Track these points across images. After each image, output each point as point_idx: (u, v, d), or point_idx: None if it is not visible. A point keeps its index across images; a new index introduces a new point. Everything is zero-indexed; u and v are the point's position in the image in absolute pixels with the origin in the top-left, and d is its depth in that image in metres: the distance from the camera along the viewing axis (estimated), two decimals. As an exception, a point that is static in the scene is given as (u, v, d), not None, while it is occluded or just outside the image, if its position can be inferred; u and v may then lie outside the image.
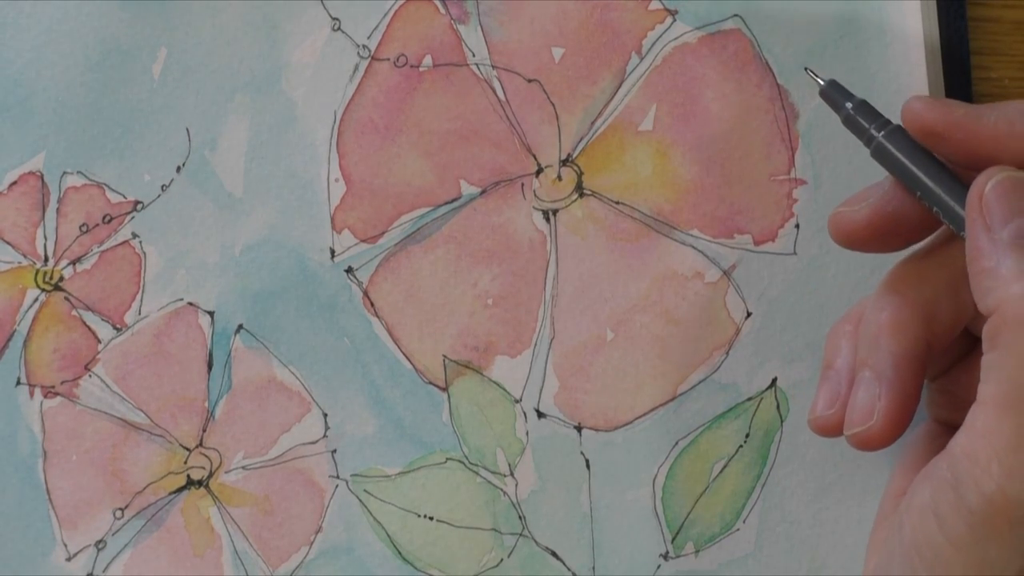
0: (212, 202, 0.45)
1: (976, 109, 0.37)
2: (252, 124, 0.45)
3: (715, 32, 0.45)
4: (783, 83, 0.45)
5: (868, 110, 0.39)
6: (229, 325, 0.45)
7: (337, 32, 0.45)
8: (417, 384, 0.45)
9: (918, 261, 0.39)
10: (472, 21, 0.45)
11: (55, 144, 0.44)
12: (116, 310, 0.44)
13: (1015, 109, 0.37)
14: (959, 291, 0.38)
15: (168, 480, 0.45)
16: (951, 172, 0.37)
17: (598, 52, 0.45)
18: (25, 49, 0.44)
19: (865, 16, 0.45)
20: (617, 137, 0.45)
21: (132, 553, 0.44)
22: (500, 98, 0.45)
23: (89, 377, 0.44)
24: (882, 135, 0.38)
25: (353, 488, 0.45)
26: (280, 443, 0.45)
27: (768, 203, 0.45)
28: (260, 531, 0.45)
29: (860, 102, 0.39)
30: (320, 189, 0.45)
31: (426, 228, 0.45)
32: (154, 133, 0.44)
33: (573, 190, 0.45)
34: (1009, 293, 0.33)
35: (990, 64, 0.48)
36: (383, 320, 0.45)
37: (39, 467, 0.44)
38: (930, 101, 0.37)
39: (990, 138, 0.36)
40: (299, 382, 0.45)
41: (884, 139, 0.38)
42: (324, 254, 0.45)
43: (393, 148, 0.45)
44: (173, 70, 0.44)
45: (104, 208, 0.44)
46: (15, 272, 0.44)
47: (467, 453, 0.45)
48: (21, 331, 0.44)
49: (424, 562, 0.45)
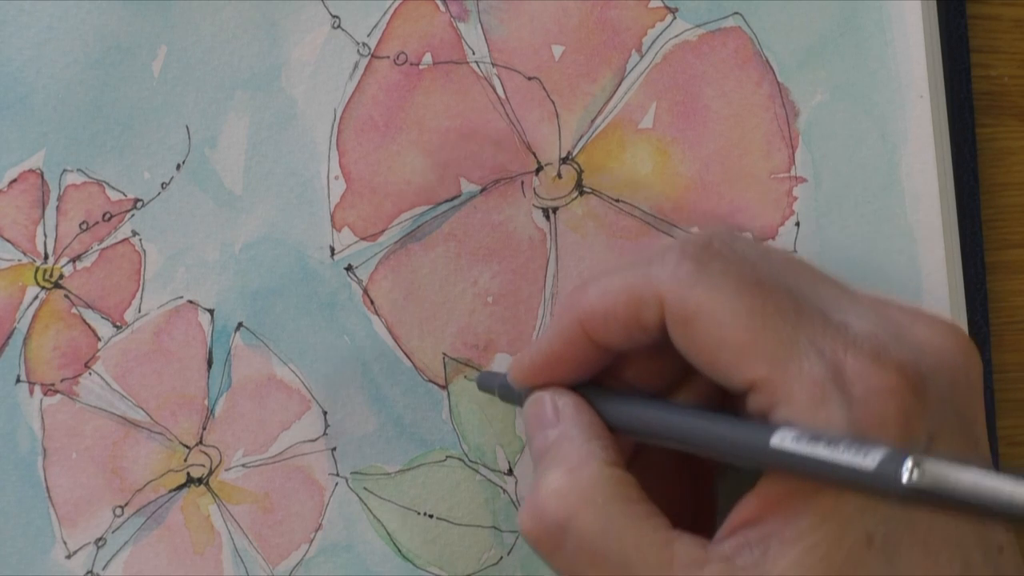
0: (212, 200, 0.45)
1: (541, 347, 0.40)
2: (252, 122, 0.45)
3: (715, 30, 0.45)
4: (783, 81, 0.45)
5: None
6: (229, 323, 0.45)
7: (337, 30, 0.45)
8: (417, 382, 0.45)
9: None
10: (472, 19, 0.45)
11: (55, 142, 0.44)
12: (116, 308, 0.44)
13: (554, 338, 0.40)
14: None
15: (168, 478, 0.45)
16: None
17: (598, 50, 0.45)
18: (25, 47, 0.44)
19: (865, 14, 0.45)
20: (617, 135, 0.45)
21: (132, 551, 0.44)
22: (500, 96, 0.45)
23: (89, 375, 0.44)
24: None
25: (353, 486, 0.45)
26: (280, 441, 0.45)
27: (768, 201, 0.45)
28: (260, 529, 0.45)
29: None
30: (320, 187, 0.45)
31: (426, 226, 0.45)
32: (154, 131, 0.44)
33: (573, 188, 0.45)
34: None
35: (990, 62, 0.48)
36: (383, 318, 0.45)
37: (39, 465, 0.44)
38: (519, 370, 0.41)
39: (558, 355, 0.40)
40: (299, 380, 0.45)
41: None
42: (324, 252, 0.45)
43: (393, 146, 0.45)
44: (173, 68, 0.44)
45: (104, 206, 0.44)
46: (15, 270, 0.44)
47: (467, 451, 0.45)
48: (21, 329, 0.44)
49: (424, 560, 0.45)
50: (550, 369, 0.40)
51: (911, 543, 0.35)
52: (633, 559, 0.36)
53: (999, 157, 0.48)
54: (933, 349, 0.37)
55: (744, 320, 0.36)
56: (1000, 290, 0.48)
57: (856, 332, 0.36)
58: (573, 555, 0.37)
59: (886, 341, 0.36)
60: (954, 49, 0.47)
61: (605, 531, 0.37)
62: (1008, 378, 0.48)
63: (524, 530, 0.38)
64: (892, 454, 0.31)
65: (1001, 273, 0.48)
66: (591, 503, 0.37)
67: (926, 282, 0.45)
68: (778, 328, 0.36)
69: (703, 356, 0.37)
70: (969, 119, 0.47)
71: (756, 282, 0.37)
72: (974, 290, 0.47)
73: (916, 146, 0.45)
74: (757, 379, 0.36)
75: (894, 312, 0.38)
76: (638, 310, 0.38)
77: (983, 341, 0.47)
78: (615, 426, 0.39)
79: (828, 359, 0.35)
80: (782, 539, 0.35)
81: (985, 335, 0.47)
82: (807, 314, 0.36)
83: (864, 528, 0.34)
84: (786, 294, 0.37)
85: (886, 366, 0.35)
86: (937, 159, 0.45)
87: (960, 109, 0.47)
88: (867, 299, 0.38)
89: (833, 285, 0.39)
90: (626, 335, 0.39)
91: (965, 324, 0.46)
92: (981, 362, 0.38)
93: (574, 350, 0.40)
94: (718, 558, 0.35)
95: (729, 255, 0.37)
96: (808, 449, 0.33)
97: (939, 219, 0.45)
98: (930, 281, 0.45)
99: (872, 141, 0.45)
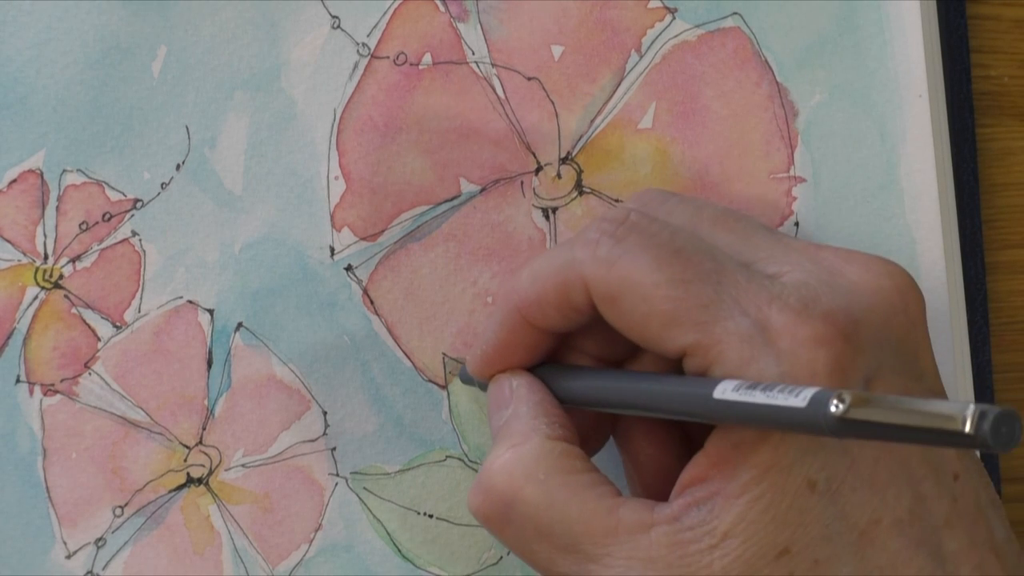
0: (212, 200, 0.45)
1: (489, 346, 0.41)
2: (252, 122, 0.45)
3: (715, 30, 0.45)
4: (782, 81, 0.45)
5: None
6: (229, 323, 0.45)
7: (337, 30, 0.45)
8: (417, 382, 0.45)
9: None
10: (472, 19, 0.45)
11: (55, 142, 0.44)
12: (116, 308, 0.44)
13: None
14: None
15: (168, 478, 0.45)
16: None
17: (598, 50, 0.45)
18: (25, 47, 0.44)
19: (864, 13, 0.45)
20: (617, 135, 0.45)
21: (132, 551, 0.44)
22: (500, 96, 0.45)
23: (89, 375, 0.44)
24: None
25: (353, 486, 0.45)
26: (280, 441, 0.45)
27: (767, 201, 0.45)
28: (260, 529, 0.45)
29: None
30: (320, 187, 0.45)
31: (426, 226, 0.45)
32: (154, 131, 0.44)
33: (572, 188, 0.45)
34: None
35: (989, 62, 0.48)
36: (383, 318, 0.45)
37: (39, 465, 0.44)
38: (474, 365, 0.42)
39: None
40: (299, 380, 0.45)
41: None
42: (324, 252, 0.45)
43: (393, 146, 0.45)
44: (173, 68, 0.44)
45: (104, 206, 0.44)
46: (15, 270, 0.44)
47: (467, 451, 0.45)
48: (21, 329, 0.44)
49: (424, 560, 0.45)
50: (500, 357, 0.41)
51: (855, 484, 0.35)
52: (578, 529, 0.36)
53: (999, 157, 0.48)
54: (867, 290, 0.37)
55: (665, 290, 0.36)
56: (1000, 290, 0.48)
57: (784, 283, 0.37)
58: (520, 529, 0.38)
59: (816, 289, 0.36)
60: (954, 49, 0.47)
61: (549, 503, 0.37)
62: (1008, 378, 0.48)
63: (473, 508, 0.39)
64: (821, 392, 0.32)
65: (1001, 273, 0.48)
66: (533, 477, 0.38)
67: (925, 282, 0.45)
68: (700, 292, 0.36)
69: (634, 330, 0.37)
70: (969, 119, 0.47)
71: (675, 250, 0.37)
72: (974, 290, 0.47)
73: (915, 146, 0.45)
74: (687, 345, 0.36)
75: (828, 257, 0.38)
76: (567, 294, 0.39)
77: (983, 341, 0.47)
78: (569, 400, 0.40)
79: (753, 316, 0.36)
80: (726, 495, 0.35)
81: (985, 335, 0.47)
82: (730, 273, 0.37)
83: (805, 475, 0.35)
84: (707, 256, 0.37)
85: (813, 316, 0.35)
86: (936, 159, 0.45)
87: (960, 109, 0.47)
88: (801, 247, 0.39)
89: (768, 235, 0.39)
90: (562, 318, 0.39)
91: (965, 324, 0.46)
92: (921, 296, 0.38)
93: (518, 336, 0.40)
94: (664, 520, 0.36)
95: (646, 226, 0.38)
96: (747, 397, 0.34)
97: (938, 219, 0.45)
98: (929, 281, 0.45)
99: (871, 141, 0.45)
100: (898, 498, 0.36)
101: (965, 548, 0.36)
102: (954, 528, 0.36)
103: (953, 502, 0.36)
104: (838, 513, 0.35)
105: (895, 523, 0.35)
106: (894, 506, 0.36)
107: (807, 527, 0.35)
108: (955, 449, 0.37)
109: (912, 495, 0.36)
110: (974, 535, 0.36)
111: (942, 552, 0.36)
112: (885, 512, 0.35)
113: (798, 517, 0.35)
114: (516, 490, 0.38)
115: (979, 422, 0.29)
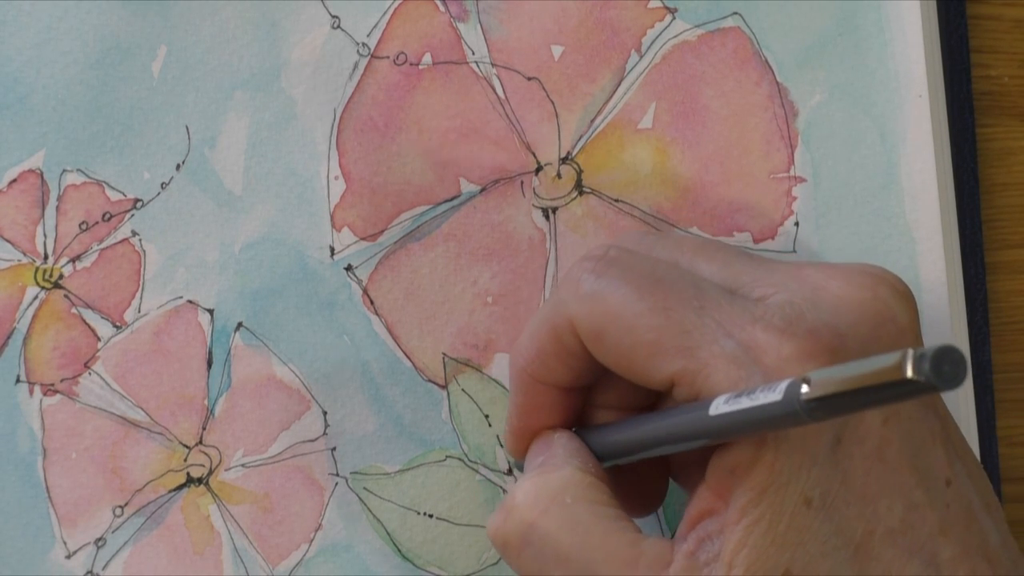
0: (212, 200, 0.45)
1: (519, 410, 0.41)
2: (252, 122, 0.45)
3: (714, 30, 0.45)
4: (782, 81, 0.45)
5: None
6: (229, 323, 0.45)
7: (337, 30, 0.45)
8: (417, 382, 0.45)
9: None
10: (472, 19, 0.45)
11: (55, 142, 0.44)
12: (116, 308, 0.44)
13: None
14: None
15: (168, 478, 0.45)
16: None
17: (598, 50, 0.45)
18: (25, 47, 0.44)
19: (864, 13, 0.45)
20: (616, 135, 0.45)
21: (132, 551, 0.44)
22: (500, 96, 0.45)
23: (89, 375, 0.44)
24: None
25: (353, 486, 0.45)
26: (280, 441, 0.45)
27: (767, 201, 0.45)
28: (260, 529, 0.45)
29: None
30: (320, 187, 0.45)
31: (426, 226, 0.45)
32: (154, 131, 0.44)
33: (572, 188, 0.45)
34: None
35: (990, 62, 0.48)
36: (383, 318, 0.45)
37: (39, 465, 0.44)
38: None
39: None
40: (299, 380, 0.45)
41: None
42: (324, 252, 0.45)
43: (393, 146, 0.45)
44: (173, 68, 0.44)
45: (104, 206, 0.44)
46: (15, 270, 0.44)
47: (467, 451, 0.45)
48: (21, 329, 0.44)
49: (424, 560, 0.45)
50: (524, 425, 0.41)
51: (848, 498, 0.35)
52: (599, 556, 0.36)
53: (999, 157, 0.48)
54: (852, 303, 0.37)
55: (648, 319, 0.37)
56: (1000, 290, 0.48)
57: (768, 305, 0.37)
58: (539, 552, 0.37)
59: (800, 307, 0.36)
60: (954, 49, 0.47)
61: (573, 527, 0.37)
62: (1008, 378, 0.48)
63: (492, 529, 0.39)
64: (793, 380, 0.32)
65: (1001, 273, 0.48)
66: (560, 500, 0.37)
67: (925, 282, 0.45)
68: (683, 319, 0.36)
69: (622, 364, 0.37)
70: (969, 119, 0.47)
71: (655, 280, 0.37)
72: (974, 290, 0.47)
73: (915, 146, 0.45)
74: (674, 373, 0.36)
75: (811, 274, 0.38)
76: (559, 338, 0.39)
77: (983, 341, 0.47)
78: (600, 456, 0.40)
79: (737, 338, 0.36)
80: (728, 522, 0.35)
81: (985, 335, 0.47)
82: (712, 298, 0.37)
83: (800, 492, 0.35)
84: (688, 284, 0.37)
85: (797, 333, 0.36)
86: (936, 159, 0.45)
87: (960, 109, 0.47)
88: (784, 268, 0.39)
89: (749, 261, 0.39)
90: (566, 368, 0.39)
91: (965, 324, 0.46)
92: (912, 302, 0.38)
93: (533, 398, 0.40)
94: (682, 555, 0.36)
95: (625, 260, 0.38)
96: (736, 405, 0.34)
97: (938, 219, 0.45)
98: (929, 281, 0.45)
99: (871, 141, 0.45)
100: (890, 508, 0.36)
101: (959, 555, 0.36)
102: (948, 535, 0.36)
103: (946, 508, 0.36)
104: (834, 529, 0.35)
105: (888, 533, 0.36)
106: (886, 516, 0.36)
107: (806, 545, 0.35)
108: (945, 453, 0.37)
109: (904, 504, 0.36)
110: (967, 542, 0.36)
111: (937, 560, 0.36)
112: (878, 523, 0.35)
113: (796, 536, 0.35)
114: (541, 511, 0.38)
115: (918, 364, 0.29)
